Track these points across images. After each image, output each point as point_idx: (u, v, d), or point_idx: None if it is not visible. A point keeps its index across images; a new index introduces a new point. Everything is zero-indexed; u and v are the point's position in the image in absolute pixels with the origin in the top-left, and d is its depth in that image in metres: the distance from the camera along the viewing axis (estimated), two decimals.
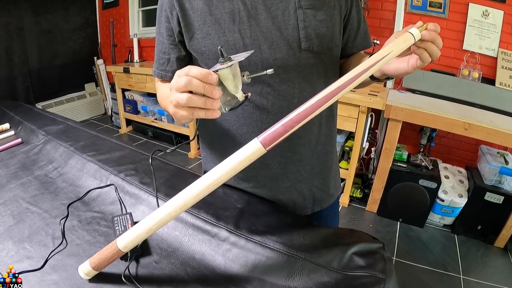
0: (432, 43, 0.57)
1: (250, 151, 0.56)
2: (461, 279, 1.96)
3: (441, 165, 2.53)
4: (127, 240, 0.63)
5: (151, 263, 0.71)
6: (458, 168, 2.58)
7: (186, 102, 0.54)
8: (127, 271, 0.67)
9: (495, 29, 2.32)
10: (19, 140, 1.33)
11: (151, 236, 0.75)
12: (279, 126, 0.55)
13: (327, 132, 0.89)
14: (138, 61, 3.84)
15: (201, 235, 0.78)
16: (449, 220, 2.40)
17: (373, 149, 2.72)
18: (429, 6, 2.41)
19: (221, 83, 0.58)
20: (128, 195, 0.93)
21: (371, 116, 2.51)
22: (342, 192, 2.64)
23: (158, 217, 0.60)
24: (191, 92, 0.55)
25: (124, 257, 0.69)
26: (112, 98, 4.13)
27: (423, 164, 2.37)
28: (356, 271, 0.66)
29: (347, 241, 0.73)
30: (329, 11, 0.74)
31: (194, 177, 0.60)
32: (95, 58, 4.31)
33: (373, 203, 2.55)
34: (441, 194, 2.31)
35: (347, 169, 2.56)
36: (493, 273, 2.04)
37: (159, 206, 0.71)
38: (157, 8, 0.82)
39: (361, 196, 2.67)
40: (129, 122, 4.05)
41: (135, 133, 4.00)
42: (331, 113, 0.89)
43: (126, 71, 3.59)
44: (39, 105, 3.76)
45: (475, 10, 2.32)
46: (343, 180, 2.56)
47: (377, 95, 2.32)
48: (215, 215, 0.80)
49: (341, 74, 0.59)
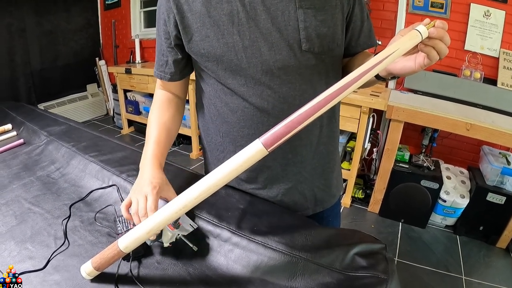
0: (440, 41, 0.56)
1: (251, 152, 0.56)
2: (463, 280, 1.95)
3: (443, 166, 2.53)
4: (128, 240, 0.63)
5: (153, 263, 0.71)
6: (460, 168, 2.58)
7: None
8: (129, 272, 0.67)
9: (497, 29, 2.31)
10: (21, 140, 1.33)
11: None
12: (281, 127, 0.55)
13: (329, 132, 0.88)
14: (140, 62, 3.85)
15: (203, 236, 0.78)
16: (451, 220, 2.39)
17: (375, 149, 2.72)
18: (431, 6, 2.41)
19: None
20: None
21: (373, 116, 2.50)
22: (344, 192, 2.63)
23: (159, 218, 0.60)
24: None
25: (126, 258, 0.69)
26: (114, 99, 4.13)
27: (425, 164, 2.37)
28: (358, 272, 0.66)
29: (349, 242, 0.73)
30: (330, 11, 0.73)
31: (195, 178, 0.60)
32: (97, 59, 4.32)
33: (375, 204, 2.55)
34: (443, 194, 2.30)
35: (349, 170, 2.55)
36: (495, 274, 2.03)
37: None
38: (156, 10, 0.82)
39: (363, 196, 2.67)
40: (131, 123, 4.06)
41: (137, 134, 4.00)
42: (333, 113, 0.88)
43: (128, 72, 3.60)
44: (41, 106, 3.77)
45: (476, 10, 2.32)
46: (345, 180, 2.55)
47: (378, 96, 2.32)
48: (217, 215, 0.80)
49: (345, 73, 0.58)
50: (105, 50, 4.46)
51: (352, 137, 2.70)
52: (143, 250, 0.72)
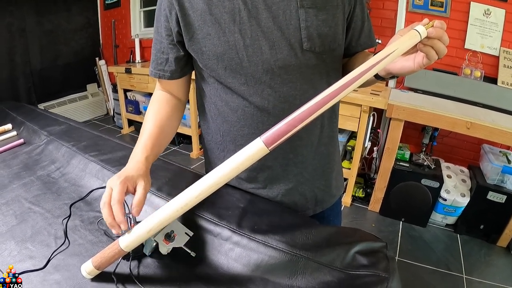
0: (439, 41, 0.56)
1: (252, 150, 0.56)
2: (464, 278, 1.95)
3: (444, 165, 2.53)
4: (129, 239, 0.63)
5: (153, 262, 0.71)
6: (460, 167, 2.58)
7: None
8: (129, 271, 0.67)
9: (497, 27, 2.31)
10: (22, 140, 1.33)
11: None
12: (282, 125, 0.55)
13: (329, 133, 0.88)
14: (140, 61, 3.85)
15: (203, 235, 0.78)
16: (451, 219, 2.39)
17: (375, 148, 2.72)
18: (431, 5, 2.41)
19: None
20: (130, 195, 0.93)
21: (373, 115, 2.50)
22: (344, 191, 2.63)
23: (159, 217, 0.60)
24: None
25: (126, 257, 0.69)
26: (114, 98, 4.13)
27: (425, 163, 2.37)
28: (359, 270, 0.66)
29: (349, 240, 0.72)
30: (331, 10, 0.73)
31: (196, 177, 0.60)
32: (97, 58, 4.32)
33: (376, 203, 2.55)
34: (443, 193, 2.30)
35: (349, 169, 2.55)
36: (496, 272, 2.03)
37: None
38: (156, 7, 0.81)
39: (364, 195, 2.67)
40: (131, 122, 4.05)
41: (137, 134, 3.96)
42: (333, 113, 0.88)
43: (128, 71, 3.59)
44: (41, 106, 3.77)
45: (476, 9, 2.31)
46: (345, 179, 2.55)
47: (379, 95, 2.31)
48: (218, 214, 0.80)
49: (345, 73, 0.58)
50: (105, 49, 4.46)
51: (352, 136, 2.70)
52: (143, 249, 0.72)
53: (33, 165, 1.14)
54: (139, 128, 3.76)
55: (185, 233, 0.74)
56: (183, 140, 3.68)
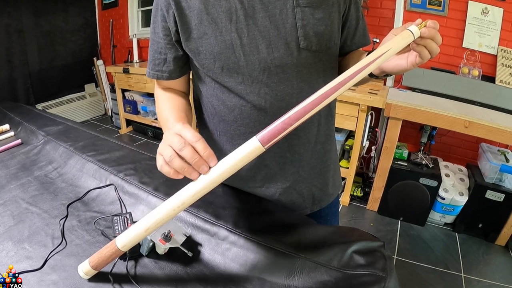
0: (431, 40, 0.57)
1: (248, 149, 0.56)
2: (462, 277, 1.95)
3: (442, 163, 2.53)
4: (126, 239, 0.63)
5: (150, 262, 0.71)
6: (458, 166, 2.58)
7: (173, 165, 0.57)
8: (126, 271, 0.67)
9: (495, 26, 2.31)
10: (19, 141, 1.33)
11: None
12: (278, 123, 0.55)
13: (326, 131, 0.88)
14: (137, 61, 3.84)
15: (200, 234, 0.78)
16: (450, 218, 2.39)
17: (373, 147, 2.72)
18: (429, 4, 2.41)
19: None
20: (127, 195, 0.93)
21: (371, 114, 2.50)
22: (342, 191, 2.63)
23: (156, 216, 0.60)
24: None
25: (122, 257, 0.69)
26: (112, 98, 4.12)
27: (423, 162, 2.37)
28: (356, 270, 0.66)
29: (347, 240, 0.72)
30: (327, 9, 0.73)
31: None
32: (94, 58, 4.31)
33: (374, 202, 2.55)
34: (441, 192, 2.31)
35: (348, 168, 2.56)
36: (495, 271, 2.03)
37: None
38: (153, 7, 0.80)
39: (362, 195, 2.67)
40: (129, 122, 4.05)
41: (135, 134, 4.00)
42: (330, 112, 0.89)
43: (125, 71, 3.59)
44: (39, 106, 3.75)
45: (474, 7, 2.32)
46: (343, 179, 2.55)
47: (377, 94, 2.32)
48: (215, 214, 0.80)
49: (340, 72, 0.59)
50: (103, 50, 4.45)
51: (350, 135, 2.70)
52: (140, 249, 0.72)
53: (30, 165, 1.14)
54: (137, 128, 3.70)
55: (182, 233, 0.74)
56: None
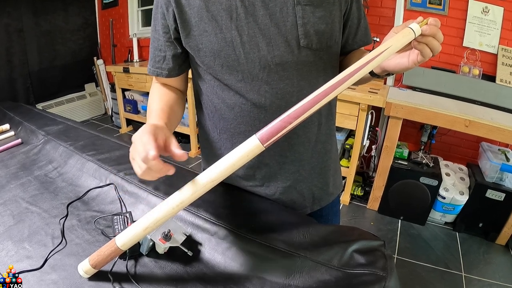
0: (433, 38, 0.56)
1: (248, 148, 0.56)
2: (463, 276, 1.95)
3: (442, 163, 2.53)
4: (126, 238, 0.63)
5: (150, 262, 0.71)
6: (459, 165, 2.58)
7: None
8: (125, 270, 0.67)
9: (495, 25, 2.31)
10: (19, 140, 1.33)
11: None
12: (277, 121, 0.55)
13: (327, 131, 0.88)
14: (137, 60, 3.84)
15: (200, 233, 0.78)
16: (450, 217, 2.39)
17: (373, 147, 2.72)
18: (429, 3, 2.40)
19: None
20: (127, 194, 0.93)
21: (372, 113, 2.50)
22: (343, 190, 2.63)
23: (155, 215, 0.60)
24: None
25: (122, 256, 0.69)
26: (112, 98, 4.12)
27: (424, 161, 2.37)
28: (356, 269, 0.66)
29: (347, 239, 0.72)
30: (328, 8, 0.73)
31: (194, 176, 0.59)
32: (95, 58, 4.31)
33: (374, 201, 2.55)
34: (442, 191, 2.30)
35: (348, 167, 2.55)
36: (495, 270, 2.03)
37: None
38: (153, 5, 0.80)
39: (362, 194, 2.67)
40: (129, 122, 4.05)
41: None
42: (330, 111, 0.88)
43: (126, 71, 3.59)
44: (40, 106, 3.75)
45: (475, 6, 2.31)
46: (343, 178, 2.55)
47: (377, 93, 2.31)
48: (215, 213, 0.80)
49: (341, 71, 0.58)
50: (103, 49, 4.45)
51: (350, 134, 2.70)
52: (140, 248, 0.72)
53: (30, 165, 1.14)
54: (138, 127, 3.70)
55: (182, 232, 0.74)
56: (181, 139, 3.67)
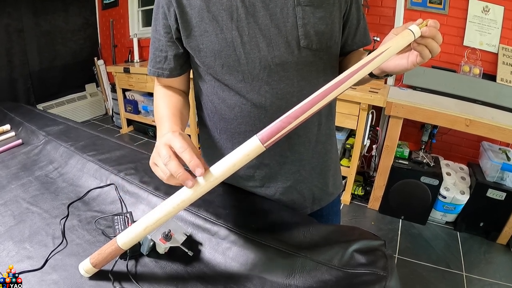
0: (432, 40, 0.57)
1: (248, 148, 0.56)
2: (464, 276, 1.95)
3: (443, 162, 2.53)
4: (127, 237, 0.63)
5: (151, 261, 0.71)
6: (459, 165, 2.58)
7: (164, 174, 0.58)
8: (126, 270, 0.67)
9: (496, 25, 2.31)
10: (20, 141, 1.33)
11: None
12: (277, 122, 0.55)
13: (327, 131, 0.88)
14: (138, 61, 3.85)
15: (201, 233, 0.78)
16: (451, 217, 2.39)
17: (374, 146, 2.72)
18: (429, 2, 2.40)
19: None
20: (128, 194, 0.93)
21: (372, 113, 2.50)
22: (343, 190, 2.63)
23: (156, 215, 0.60)
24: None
25: (123, 256, 0.69)
26: (112, 98, 4.13)
27: (424, 161, 2.36)
28: (357, 269, 0.65)
29: (348, 239, 0.72)
30: (328, 8, 0.73)
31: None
32: (95, 58, 4.31)
33: (375, 201, 2.55)
34: (443, 191, 2.30)
35: (348, 167, 2.55)
36: (496, 270, 2.03)
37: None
38: (154, 5, 0.80)
39: (363, 193, 2.67)
40: (130, 122, 4.05)
41: (136, 133, 4.00)
42: (330, 111, 0.89)
43: (126, 71, 3.59)
44: (40, 107, 3.75)
45: (475, 6, 2.31)
46: (344, 177, 2.55)
47: (378, 92, 2.31)
48: (215, 213, 0.80)
49: (341, 71, 0.58)
50: (104, 49, 4.45)
51: (351, 134, 2.70)
52: (140, 248, 0.72)
53: (31, 165, 1.14)
54: (138, 127, 3.71)
55: (183, 232, 0.74)
56: None
